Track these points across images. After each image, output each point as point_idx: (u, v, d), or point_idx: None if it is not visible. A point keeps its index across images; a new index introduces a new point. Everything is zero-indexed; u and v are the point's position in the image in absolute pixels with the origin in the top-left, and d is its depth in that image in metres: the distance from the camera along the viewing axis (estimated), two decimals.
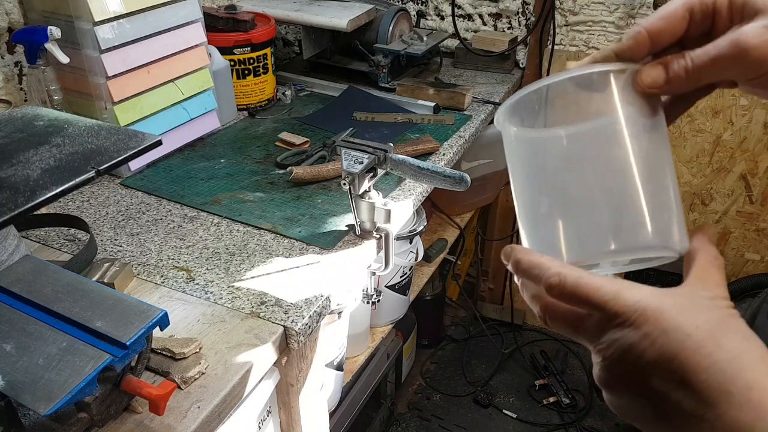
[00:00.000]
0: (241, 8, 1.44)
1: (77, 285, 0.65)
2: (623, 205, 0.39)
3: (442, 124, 1.38)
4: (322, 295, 0.83)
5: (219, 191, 1.10)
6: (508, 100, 0.43)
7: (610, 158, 0.39)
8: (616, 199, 0.39)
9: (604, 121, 0.40)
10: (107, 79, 1.05)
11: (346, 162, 0.88)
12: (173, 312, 0.79)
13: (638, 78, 0.40)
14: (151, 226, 1.00)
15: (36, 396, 0.53)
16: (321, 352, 0.91)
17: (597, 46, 1.68)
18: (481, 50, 1.69)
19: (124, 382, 0.61)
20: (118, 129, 0.74)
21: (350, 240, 0.96)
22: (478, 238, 2.10)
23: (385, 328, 1.49)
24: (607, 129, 0.39)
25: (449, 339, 2.21)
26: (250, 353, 0.73)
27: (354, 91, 1.52)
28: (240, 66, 1.39)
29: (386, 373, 1.62)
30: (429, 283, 1.80)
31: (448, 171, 0.87)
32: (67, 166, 0.64)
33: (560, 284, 0.37)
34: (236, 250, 0.94)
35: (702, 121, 1.66)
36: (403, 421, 1.90)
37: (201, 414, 0.65)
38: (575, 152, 0.40)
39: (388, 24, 1.52)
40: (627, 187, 0.39)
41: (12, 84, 1.16)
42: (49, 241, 0.95)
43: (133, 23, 1.07)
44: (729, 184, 1.71)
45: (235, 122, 1.39)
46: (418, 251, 1.46)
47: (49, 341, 0.58)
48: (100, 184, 1.12)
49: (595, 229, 0.40)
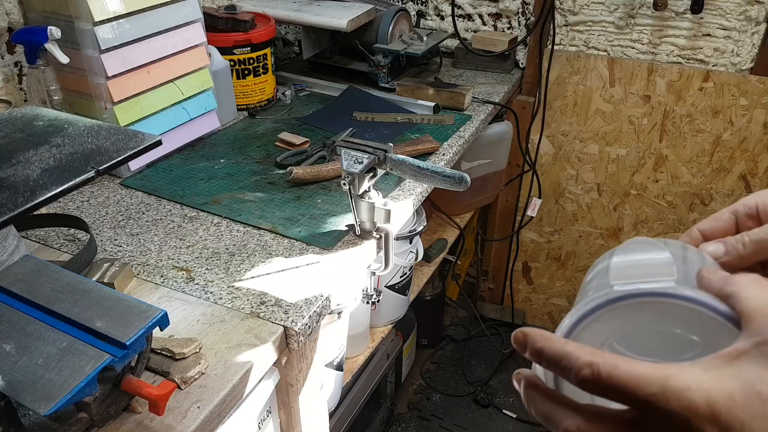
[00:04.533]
0: (241, 8, 1.44)
1: (77, 285, 0.65)
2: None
3: (442, 124, 1.38)
4: (322, 295, 0.83)
5: (219, 191, 1.10)
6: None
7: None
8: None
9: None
10: (107, 79, 1.05)
11: (346, 162, 0.88)
12: (173, 312, 0.79)
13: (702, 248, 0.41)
14: (151, 226, 1.00)
15: (36, 396, 0.53)
16: (321, 352, 0.91)
17: (597, 45, 1.68)
18: (481, 50, 1.69)
19: (124, 382, 0.60)
20: (118, 129, 0.74)
21: (350, 240, 0.96)
22: (478, 238, 2.10)
23: (385, 328, 1.49)
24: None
25: (449, 339, 2.21)
26: (250, 353, 0.73)
27: (354, 91, 1.52)
28: (240, 66, 1.39)
29: (386, 373, 1.62)
30: (429, 283, 1.80)
31: (448, 171, 0.87)
32: (67, 166, 0.64)
33: (594, 377, 0.31)
34: (236, 250, 0.94)
35: (702, 121, 1.66)
36: (403, 421, 1.90)
37: (201, 414, 0.65)
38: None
39: (388, 24, 1.52)
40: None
41: (12, 84, 1.16)
42: (49, 241, 0.95)
43: (133, 23, 1.07)
44: (729, 184, 1.71)
45: (235, 122, 1.39)
46: (418, 251, 1.46)
47: (49, 341, 0.58)
48: (100, 184, 1.12)
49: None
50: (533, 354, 0.34)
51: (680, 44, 1.60)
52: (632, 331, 0.35)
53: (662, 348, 0.35)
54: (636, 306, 0.34)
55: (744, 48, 1.54)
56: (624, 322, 0.35)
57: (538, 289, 2.17)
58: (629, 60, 1.67)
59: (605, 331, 0.35)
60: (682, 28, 1.58)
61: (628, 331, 0.35)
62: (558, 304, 2.17)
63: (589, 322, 0.35)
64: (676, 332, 0.34)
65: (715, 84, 1.60)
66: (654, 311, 0.34)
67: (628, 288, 0.35)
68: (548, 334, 0.34)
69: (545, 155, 1.89)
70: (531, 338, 0.34)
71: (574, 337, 0.36)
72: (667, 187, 1.79)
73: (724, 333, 0.33)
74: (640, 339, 0.35)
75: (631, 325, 0.35)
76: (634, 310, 0.35)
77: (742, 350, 0.31)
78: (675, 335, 0.34)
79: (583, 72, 1.72)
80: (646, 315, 0.35)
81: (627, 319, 0.35)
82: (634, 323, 0.35)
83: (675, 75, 1.63)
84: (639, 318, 0.35)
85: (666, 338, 0.35)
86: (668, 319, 0.34)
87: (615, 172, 1.83)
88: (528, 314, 2.24)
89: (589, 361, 0.32)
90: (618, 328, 0.35)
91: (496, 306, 2.24)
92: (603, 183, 1.86)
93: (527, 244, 2.09)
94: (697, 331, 0.34)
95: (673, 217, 1.82)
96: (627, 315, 0.35)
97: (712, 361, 0.31)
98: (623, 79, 1.69)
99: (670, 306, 0.34)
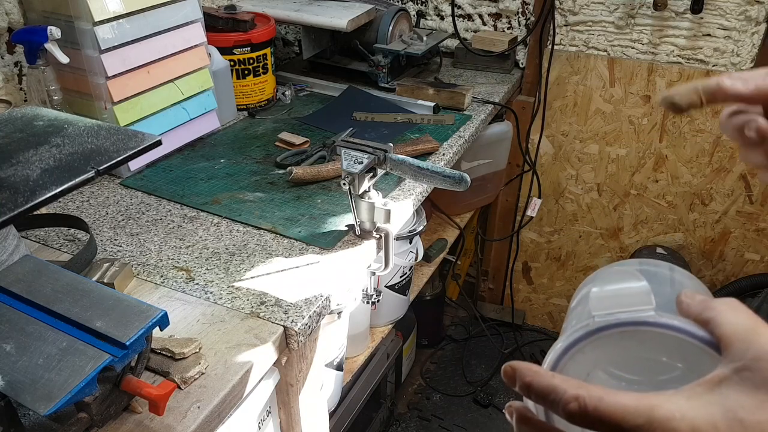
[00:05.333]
0: (240, 8, 1.44)
1: (77, 285, 0.65)
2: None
3: (442, 124, 1.38)
4: (322, 295, 0.83)
5: (219, 191, 1.10)
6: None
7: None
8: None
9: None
10: (107, 79, 1.05)
11: (346, 162, 0.88)
12: (173, 312, 0.79)
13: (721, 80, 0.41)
14: (150, 226, 1.00)
15: (36, 396, 0.53)
16: (321, 352, 0.91)
17: (597, 45, 1.68)
18: (481, 50, 1.69)
19: (124, 382, 0.60)
20: (118, 129, 0.74)
21: (350, 240, 0.96)
22: (478, 238, 2.10)
23: (385, 328, 1.49)
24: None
25: (449, 339, 2.21)
26: (250, 353, 0.73)
27: (354, 91, 1.52)
28: (240, 66, 1.39)
29: (386, 373, 1.62)
30: (429, 283, 1.80)
31: (448, 171, 0.87)
32: (67, 166, 0.64)
33: (581, 410, 0.32)
34: (236, 250, 0.94)
35: (702, 121, 1.66)
36: (403, 421, 1.90)
37: (201, 414, 0.65)
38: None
39: (387, 24, 1.52)
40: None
41: (12, 84, 1.16)
42: (49, 241, 0.95)
43: (133, 23, 1.07)
44: (729, 184, 1.71)
45: (235, 122, 1.39)
46: (418, 251, 1.46)
47: (49, 341, 0.58)
48: (100, 184, 1.12)
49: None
50: (522, 389, 0.35)
51: (680, 44, 1.60)
52: (616, 359, 0.36)
53: (647, 371, 0.36)
54: (617, 336, 0.36)
55: (744, 48, 1.54)
56: (607, 351, 0.36)
57: (538, 289, 2.17)
58: (629, 60, 1.67)
59: (590, 361, 0.37)
60: (682, 28, 1.58)
61: (612, 360, 0.37)
62: (558, 304, 2.17)
63: (574, 353, 0.37)
64: (657, 358, 0.36)
65: None
66: (635, 339, 0.36)
67: (608, 318, 0.36)
68: (536, 368, 0.35)
69: (545, 155, 1.89)
70: (519, 372, 0.35)
71: (561, 368, 0.37)
72: (667, 187, 1.79)
73: (704, 358, 0.34)
74: (625, 365, 0.37)
75: (614, 354, 0.36)
76: (616, 339, 0.36)
77: (723, 377, 0.32)
78: (657, 360, 0.36)
79: (583, 72, 1.72)
80: (627, 343, 0.36)
81: (610, 348, 0.36)
82: (617, 351, 0.36)
83: (675, 75, 1.63)
84: (621, 346, 0.36)
85: (649, 363, 0.36)
86: (649, 346, 0.35)
87: (615, 172, 1.83)
88: (528, 314, 2.24)
89: (575, 395, 0.32)
90: (602, 357, 0.36)
91: (496, 306, 2.24)
92: (603, 183, 1.86)
93: (527, 244, 2.09)
94: (679, 356, 0.35)
95: (673, 217, 1.82)
96: (609, 344, 0.36)
97: (694, 389, 0.32)
98: (623, 79, 1.69)
99: (649, 334, 0.35)
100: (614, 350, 0.36)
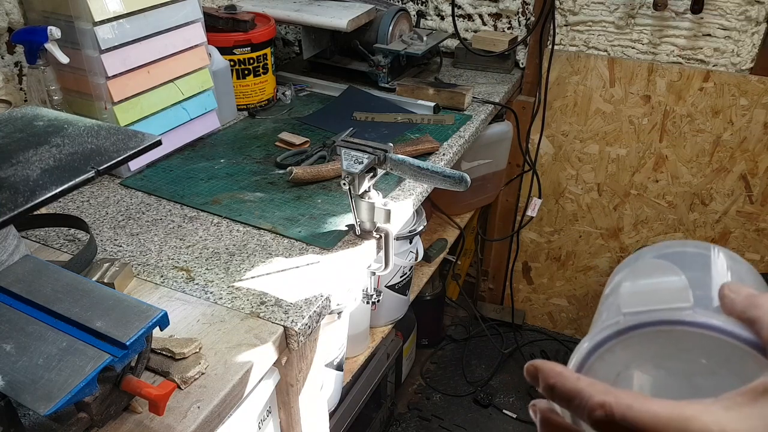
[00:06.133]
0: (241, 8, 1.44)
1: (77, 285, 0.65)
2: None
3: (442, 124, 1.38)
4: (322, 295, 0.83)
5: (219, 191, 1.10)
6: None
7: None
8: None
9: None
10: (107, 79, 1.05)
11: (346, 162, 0.88)
12: (173, 312, 0.79)
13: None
14: (151, 226, 1.00)
15: (36, 396, 0.53)
16: (321, 352, 0.91)
17: (597, 45, 1.68)
18: (481, 50, 1.69)
19: (124, 382, 0.60)
20: (118, 129, 0.74)
21: (350, 240, 0.96)
22: (478, 238, 2.10)
23: (385, 328, 1.49)
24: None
25: (449, 339, 2.21)
26: (250, 353, 0.73)
27: (354, 91, 1.52)
28: (240, 66, 1.39)
29: (386, 373, 1.62)
30: (429, 283, 1.80)
31: (448, 171, 0.87)
32: (67, 166, 0.64)
33: (608, 418, 0.29)
34: (236, 250, 0.94)
35: (702, 121, 1.66)
36: (403, 421, 1.90)
37: (201, 414, 0.65)
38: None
39: (388, 24, 1.52)
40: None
41: (12, 84, 1.16)
42: (49, 241, 0.95)
43: (133, 23, 1.07)
44: (729, 184, 1.71)
45: (235, 122, 1.39)
46: (418, 251, 1.46)
47: (49, 341, 0.58)
48: (100, 184, 1.12)
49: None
50: (545, 390, 0.32)
51: (680, 44, 1.60)
52: (649, 359, 0.33)
53: (682, 373, 0.33)
54: (651, 335, 0.32)
55: (744, 48, 1.54)
56: (639, 351, 0.33)
57: (538, 289, 2.17)
58: (629, 60, 1.67)
59: (620, 361, 0.34)
60: (682, 28, 1.58)
61: (644, 360, 0.33)
62: (558, 304, 2.17)
63: (602, 352, 0.34)
64: (694, 359, 0.33)
65: (715, 84, 1.60)
66: (669, 339, 0.32)
67: (639, 317, 0.33)
68: (560, 368, 0.32)
69: (545, 155, 1.89)
70: (543, 373, 0.32)
71: (588, 368, 0.34)
72: (667, 187, 1.79)
73: (749, 362, 0.31)
74: (659, 366, 0.33)
75: (647, 354, 0.33)
76: (649, 338, 0.33)
77: (767, 386, 0.29)
78: (694, 361, 0.33)
79: (583, 72, 1.72)
80: (661, 343, 0.33)
81: (642, 347, 0.33)
82: (650, 351, 0.33)
83: (675, 75, 1.63)
84: (655, 346, 0.33)
85: (685, 364, 0.33)
86: (686, 347, 0.32)
87: (615, 172, 1.83)
88: (528, 314, 2.24)
89: (601, 402, 0.30)
90: (633, 357, 0.33)
91: (496, 306, 2.24)
92: (603, 183, 1.86)
93: (527, 244, 2.09)
94: (720, 359, 0.32)
95: (673, 217, 1.82)
96: (641, 344, 0.33)
97: (735, 398, 0.29)
98: (623, 79, 1.69)
99: (686, 334, 0.32)
100: (647, 350, 0.33)
